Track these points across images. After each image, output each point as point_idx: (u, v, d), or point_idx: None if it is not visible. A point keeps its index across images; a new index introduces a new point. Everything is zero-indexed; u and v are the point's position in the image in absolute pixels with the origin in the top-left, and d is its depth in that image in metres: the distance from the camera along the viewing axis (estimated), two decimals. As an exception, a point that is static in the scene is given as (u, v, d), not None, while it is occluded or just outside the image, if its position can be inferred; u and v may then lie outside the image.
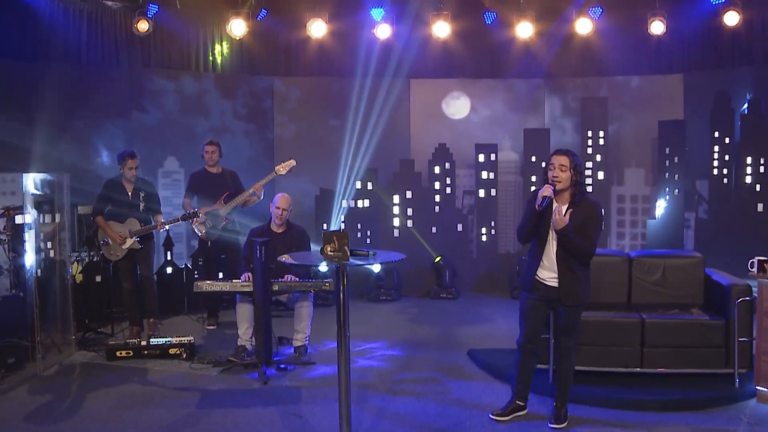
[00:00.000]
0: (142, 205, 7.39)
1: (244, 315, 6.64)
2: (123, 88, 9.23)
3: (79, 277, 8.11)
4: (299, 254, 5.89)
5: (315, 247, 5.43)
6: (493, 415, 5.29)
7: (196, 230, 7.78)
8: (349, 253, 3.92)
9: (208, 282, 6.60)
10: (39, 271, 7.12)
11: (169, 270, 8.66)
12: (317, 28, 9.74)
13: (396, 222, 10.17)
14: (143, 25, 9.15)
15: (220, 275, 8.01)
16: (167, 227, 7.59)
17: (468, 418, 5.29)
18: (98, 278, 7.92)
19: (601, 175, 9.91)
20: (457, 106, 10.42)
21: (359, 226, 9.99)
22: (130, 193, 7.38)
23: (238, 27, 9.46)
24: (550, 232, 4.98)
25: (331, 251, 3.90)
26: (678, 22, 9.50)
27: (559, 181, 4.88)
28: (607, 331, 5.89)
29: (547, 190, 4.87)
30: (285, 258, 4.80)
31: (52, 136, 8.56)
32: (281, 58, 10.26)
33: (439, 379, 6.18)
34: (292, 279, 6.56)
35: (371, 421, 5.23)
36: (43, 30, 8.73)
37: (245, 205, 7.84)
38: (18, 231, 6.97)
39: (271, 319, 6.46)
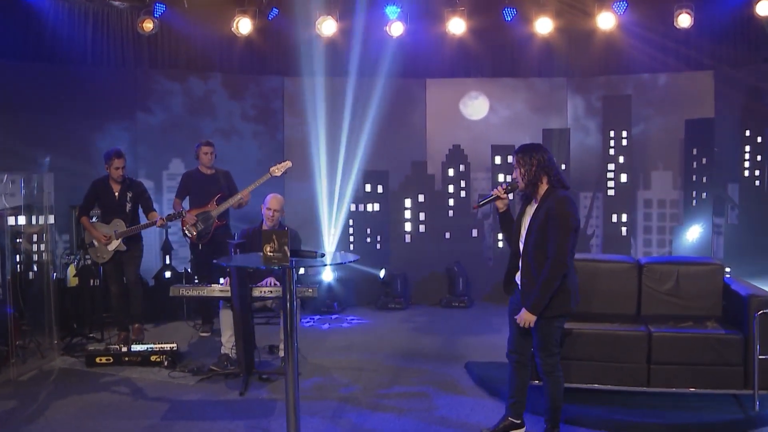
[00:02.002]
0: (128, 206, 7.15)
1: (228, 322, 6.32)
2: (128, 89, 9.02)
3: (74, 281, 7.92)
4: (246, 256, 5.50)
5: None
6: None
7: (186, 232, 7.49)
8: (289, 254, 3.53)
9: (185, 286, 6.29)
10: (20, 273, 6.97)
11: (167, 274, 8.41)
12: (327, 27, 9.42)
13: (407, 227, 9.76)
14: (149, 25, 8.94)
15: (222, 281, 7.69)
16: (160, 227, 7.32)
17: (450, 438, 4.88)
18: (95, 282, 7.71)
19: (624, 177, 9.34)
20: (475, 107, 9.95)
21: (368, 230, 9.61)
22: (116, 194, 7.15)
23: (244, 25, 9.19)
24: (522, 232, 4.62)
25: (270, 251, 3.52)
26: (707, 15, 8.87)
27: (519, 180, 4.60)
28: (609, 345, 5.36)
29: (497, 191, 4.68)
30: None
31: (56, 138, 8.41)
32: (291, 57, 9.94)
33: (428, 394, 5.76)
34: (273, 283, 6.20)
35: (341, 439, 4.85)
36: (47, 30, 8.57)
37: (239, 207, 7.53)
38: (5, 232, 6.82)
39: (252, 326, 6.12)
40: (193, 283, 6.54)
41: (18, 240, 7.31)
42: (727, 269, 8.39)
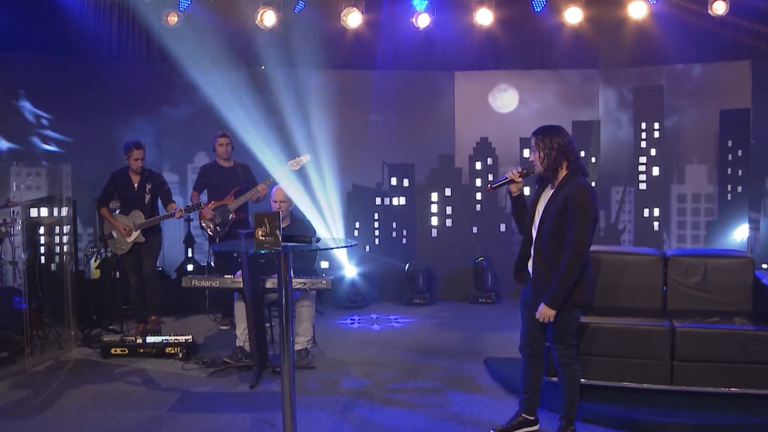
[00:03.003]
0: (148, 198, 7.12)
1: (242, 314, 6.23)
2: (153, 83, 9.03)
3: (96, 273, 7.95)
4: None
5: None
6: (494, 430, 4.69)
7: (204, 226, 7.44)
8: (281, 238, 3.41)
9: (198, 277, 6.24)
10: (41, 265, 7.00)
11: (190, 267, 8.38)
12: (353, 19, 9.32)
13: (434, 221, 9.60)
14: (174, 18, 8.93)
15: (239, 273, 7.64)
16: (179, 218, 7.27)
17: (458, 434, 4.71)
18: (116, 274, 7.71)
19: (656, 171, 9.03)
20: (505, 99, 9.73)
21: (394, 224, 9.48)
22: (136, 185, 7.14)
23: (268, 18, 9.13)
24: (535, 218, 4.43)
25: (262, 236, 3.40)
26: (743, 1, 8.52)
27: (535, 165, 4.39)
28: (630, 341, 5.12)
29: (511, 173, 4.48)
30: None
31: (81, 131, 8.45)
32: (318, 50, 9.85)
33: (443, 390, 5.60)
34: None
35: (347, 433, 4.72)
36: (73, 24, 8.61)
37: (257, 200, 7.44)
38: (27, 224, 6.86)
39: (264, 317, 6.03)
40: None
41: (40, 232, 7.36)
42: (765, 266, 8.10)
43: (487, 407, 5.20)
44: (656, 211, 9.08)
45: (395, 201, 9.52)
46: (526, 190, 4.92)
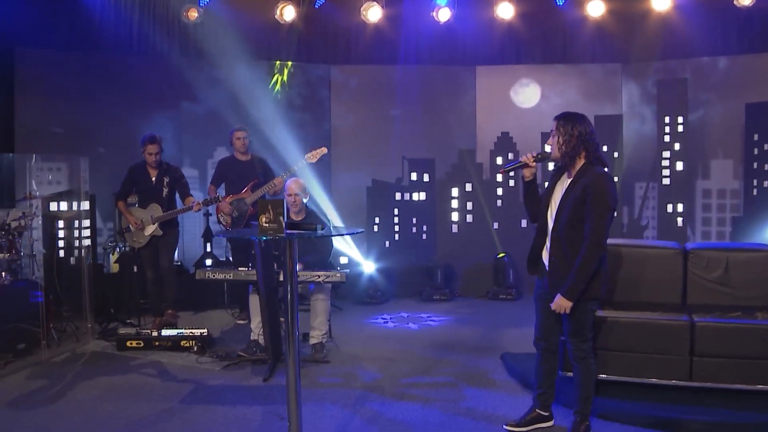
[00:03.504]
0: (165, 191, 7.14)
1: (256, 308, 6.20)
2: (173, 78, 9.03)
3: (115, 267, 8.00)
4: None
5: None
6: (507, 426, 4.61)
7: (221, 220, 7.43)
8: (284, 225, 3.36)
9: (212, 269, 6.23)
10: (60, 259, 7.04)
11: (208, 262, 8.38)
12: (373, 13, 9.29)
13: (454, 216, 9.52)
14: (194, 14, 8.95)
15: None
16: (196, 211, 7.27)
17: (471, 430, 4.64)
18: (135, 268, 7.74)
19: (680, 165, 8.86)
20: (527, 94, 9.62)
21: (414, 220, 9.41)
22: (153, 179, 7.15)
23: (288, 13, 9.12)
24: (549, 207, 4.32)
25: (265, 222, 3.36)
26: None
27: (555, 149, 4.26)
28: (648, 335, 5.00)
29: (525, 157, 4.37)
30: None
31: (100, 127, 8.49)
32: (339, 45, 9.83)
33: (458, 385, 5.52)
34: (299, 268, 6.06)
35: (357, 427, 4.67)
36: (94, 20, 8.66)
37: (274, 194, 7.42)
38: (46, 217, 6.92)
39: (279, 311, 6.00)
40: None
41: (59, 226, 7.42)
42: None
43: (501, 403, 5.11)
44: (680, 207, 8.90)
45: (415, 196, 9.45)
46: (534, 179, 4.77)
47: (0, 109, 8.09)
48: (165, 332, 6.45)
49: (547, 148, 4.37)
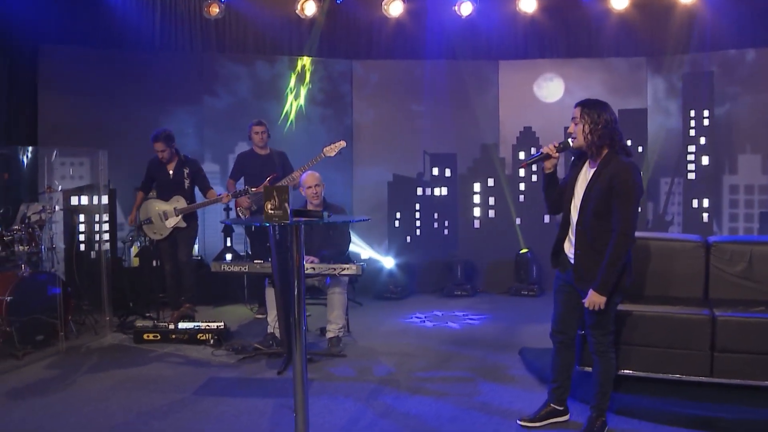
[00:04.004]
0: (187, 183, 7.16)
1: (273, 301, 6.18)
2: (195, 73, 9.06)
3: (136, 261, 8.03)
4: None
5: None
6: (521, 421, 4.53)
7: (240, 214, 7.44)
8: (289, 211, 3.31)
9: (227, 262, 6.21)
10: (80, 252, 7.09)
11: (228, 257, 8.38)
12: (395, 8, 9.24)
13: (476, 212, 9.43)
14: (215, 9, 8.98)
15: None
16: (226, 202, 7.29)
17: (485, 424, 4.55)
18: (156, 263, 7.77)
19: (705, 160, 8.66)
20: (550, 89, 9.48)
21: (435, 215, 9.34)
22: (171, 172, 7.18)
23: (309, 7, 9.10)
24: (573, 198, 4.18)
25: (270, 209, 3.32)
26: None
27: (575, 137, 4.11)
28: (668, 330, 4.86)
29: (548, 147, 4.20)
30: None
31: (123, 122, 8.52)
32: (360, 40, 9.79)
33: (473, 379, 5.45)
34: (312, 261, 6.02)
35: (369, 421, 4.61)
36: (115, 16, 8.71)
37: (294, 187, 7.39)
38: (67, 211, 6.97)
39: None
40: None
41: (79, 219, 7.48)
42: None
43: (517, 397, 5.03)
44: (705, 202, 8.71)
45: (437, 191, 9.38)
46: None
47: (24, 104, 8.19)
48: (182, 325, 6.46)
49: (570, 140, 4.23)
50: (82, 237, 7.58)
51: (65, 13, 8.33)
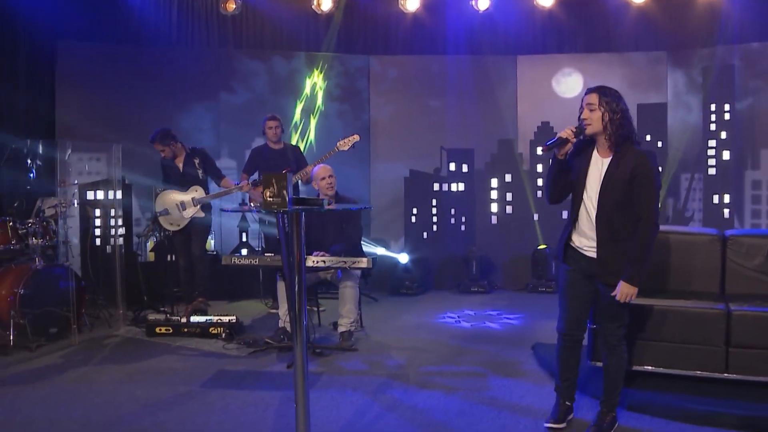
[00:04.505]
0: (200, 172, 7.18)
1: (284, 295, 6.16)
2: (212, 69, 9.08)
3: (151, 256, 8.07)
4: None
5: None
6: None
7: (253, 207, 7.42)
8: (288, 199, 3.28)
9: (238, 256, 6.21)
10: (95, 247, 7.12)
11: (244, 252, 8.39)
12: (412, 3, 9.21)
13: (493, 208, 9.34)
14: (232, 5, 9.00)
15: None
16: (246, 191, 7.29)
17: (493, 419, 4.48)
18: (171, 257, 7.79)
19: (726, 155, 8.49)
20: (569, 84, 9.36)
21: (452, 211, 9.28)
22: (180, 165, 7.24)
23: (326, 2, 9.09)
24: (586, 188, 4.05)
25: (269, 196, 3.29)
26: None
27: (589, 124, 3.96)
28: (682, 325, 4.77)
29: (565, 132, 3.99)
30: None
31: (141, 118, 8.55)
32: (378, 35, 9.75)
33: (484, 374, 5.38)
34: (322, 254, 5.98)
35: (375, 414, 4.56)
36: (133, 12, 8.76)
37: (307, 182, 7.38)
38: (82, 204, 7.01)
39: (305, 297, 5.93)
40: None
41: (95, 214, 7.52)
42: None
43: (527, 392, 4.95)
44: (726, 198, 8.53)
45: (454, 187, 9.32)
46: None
47: (42, 100, 8.25)
48: (194, 319, 6.47)
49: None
50: (97, 231, 7.62)
51: (83, 10, 8.38)
